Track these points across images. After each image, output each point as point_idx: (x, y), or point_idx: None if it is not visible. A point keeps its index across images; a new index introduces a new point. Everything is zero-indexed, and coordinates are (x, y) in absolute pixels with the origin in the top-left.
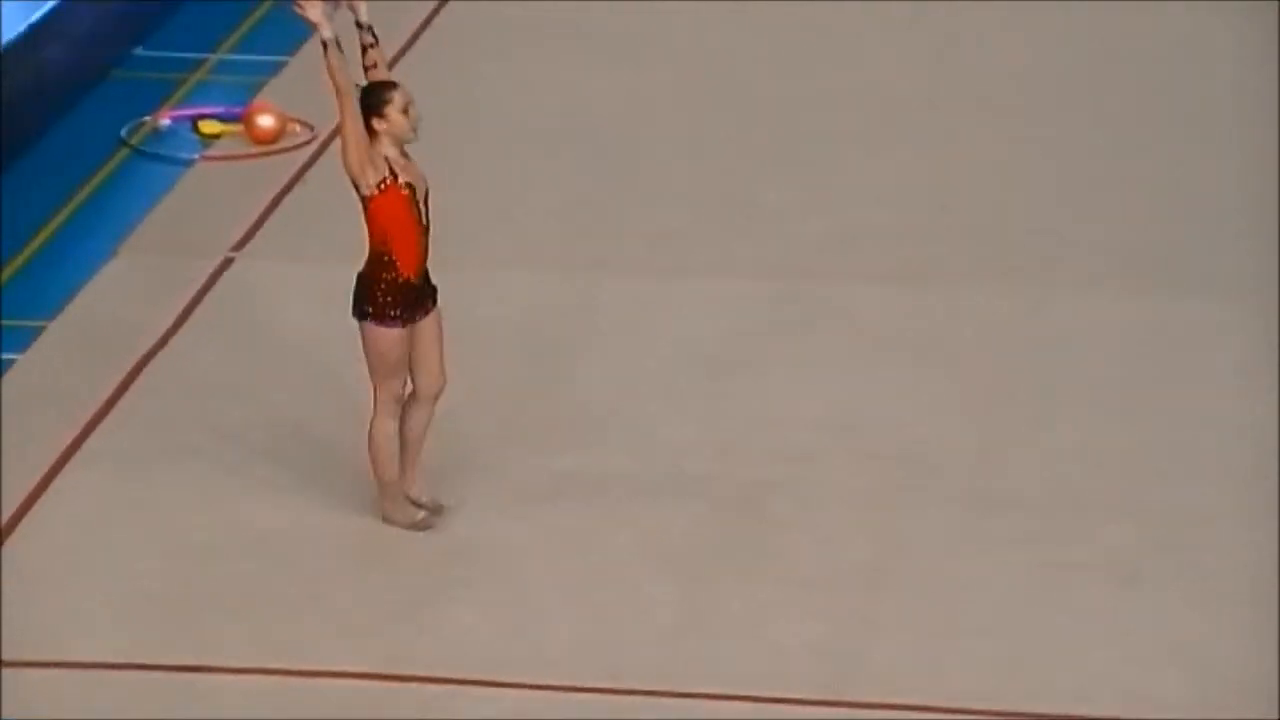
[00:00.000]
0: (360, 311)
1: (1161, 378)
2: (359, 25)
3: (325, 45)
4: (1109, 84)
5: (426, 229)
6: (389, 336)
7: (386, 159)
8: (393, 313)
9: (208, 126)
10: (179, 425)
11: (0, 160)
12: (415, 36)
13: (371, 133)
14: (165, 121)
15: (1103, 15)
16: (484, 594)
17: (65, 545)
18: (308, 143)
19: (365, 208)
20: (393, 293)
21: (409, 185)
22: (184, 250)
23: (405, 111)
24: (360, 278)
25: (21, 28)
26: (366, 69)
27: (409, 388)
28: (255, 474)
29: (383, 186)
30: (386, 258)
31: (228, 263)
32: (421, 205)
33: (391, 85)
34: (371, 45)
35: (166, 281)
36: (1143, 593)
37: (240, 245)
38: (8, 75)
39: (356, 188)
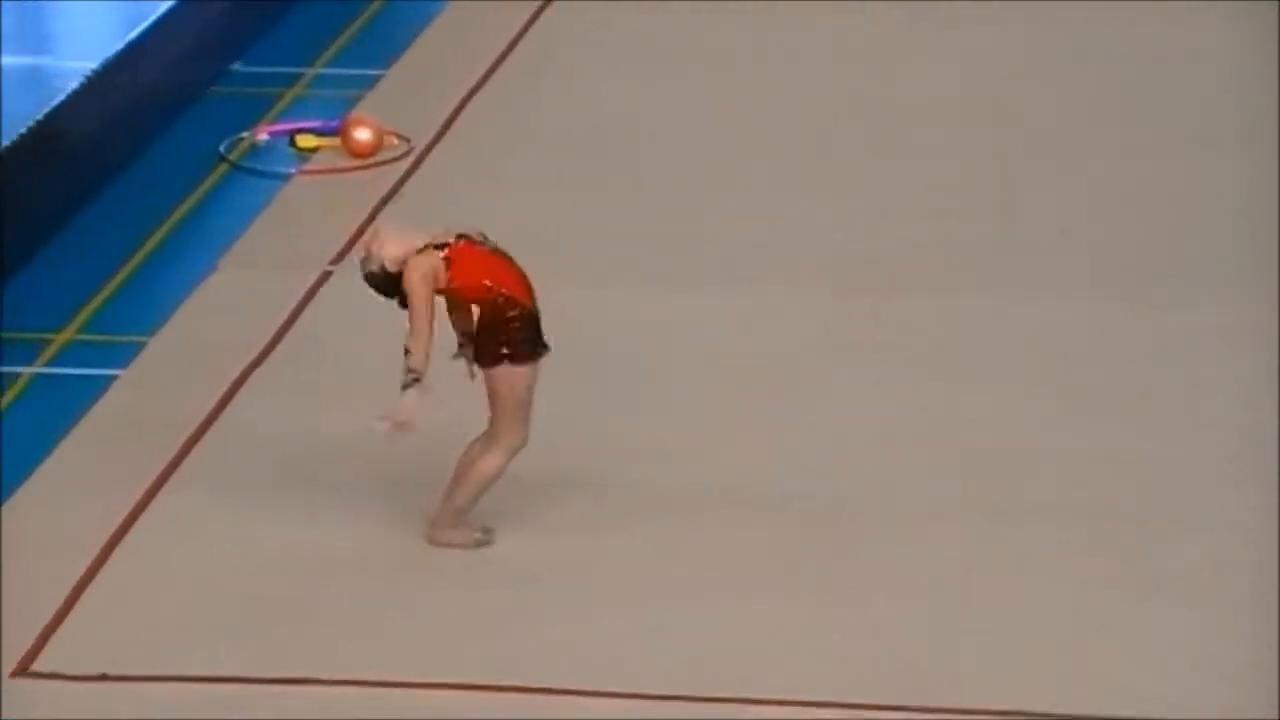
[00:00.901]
0: (495, 357)
1: (1223, 384)
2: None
3: (416, 381)
4: (1130, 91)
5: (508, 257)
6: (526, 374)
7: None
8: (528, 348)
9: (304, 141)
10: (279, 440)
11: (90, 178)
12: (510, 46)
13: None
14: (263, 137)
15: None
16: (559, 608)
17: (167, 560)
18: (404, 155)
19: (452, 293)
20: (526, 326)
21: (454, 235)
22: (283, 264)
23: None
24: (484, 329)
25: (121, 46)
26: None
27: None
28: (354, 488)
29: (447, 262)
30: (500, 299)
31: (326, 276)
32: (480, 234)
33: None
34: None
35: (266, 296)
36: (1222, 604)
37: (339, 259)
38: (109, 92)
39: (436, 290)
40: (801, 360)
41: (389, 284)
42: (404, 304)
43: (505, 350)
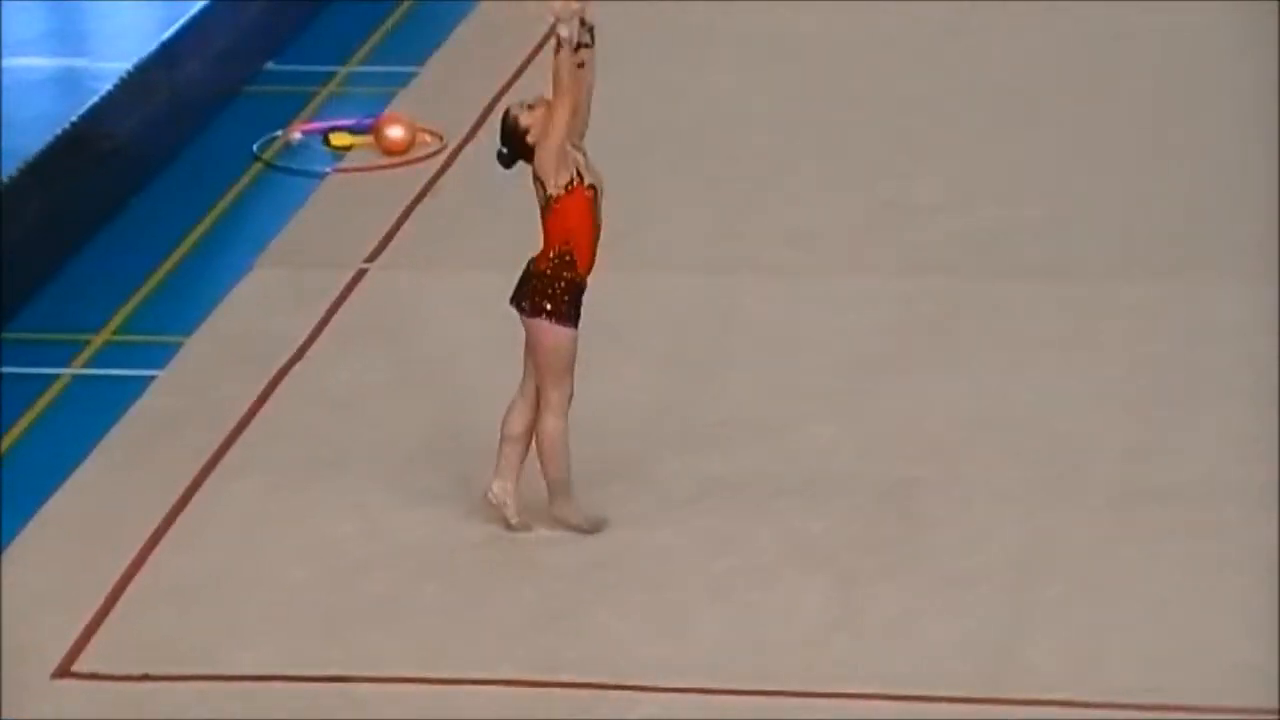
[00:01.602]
0: (537, 309)
1: None
2: (583, 24)
3: (562, 44)
4: (1159, 85)
5: (599, 231)
6: (569, 336)
7: (575, 159)
8: (571, 312)
9: (338, 139)
10: (320, 436)
11: (126, 180)
12: (543, 41)
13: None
14: (298, 136)
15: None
16: (632, 598)
17: (212, 557)
18: (438, 153)
19: (549, 207)
20: (570, 292)
21: (592, 186)
22: (319, 262)
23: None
24: (537, 274)
25: (155, 47)
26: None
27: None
28: (395, 483)
29: (569, 187)
30: (568, 257)
31: (362, 273)
32: (600, 207)
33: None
34: (588, 45)
35: (303, 294)
36: None
37: (374, 256)
38: (144, 94)
39: (543, 186)
40: (866, 346)
41: (514, 144)
42: (505, 164)
43: (548, 305)
